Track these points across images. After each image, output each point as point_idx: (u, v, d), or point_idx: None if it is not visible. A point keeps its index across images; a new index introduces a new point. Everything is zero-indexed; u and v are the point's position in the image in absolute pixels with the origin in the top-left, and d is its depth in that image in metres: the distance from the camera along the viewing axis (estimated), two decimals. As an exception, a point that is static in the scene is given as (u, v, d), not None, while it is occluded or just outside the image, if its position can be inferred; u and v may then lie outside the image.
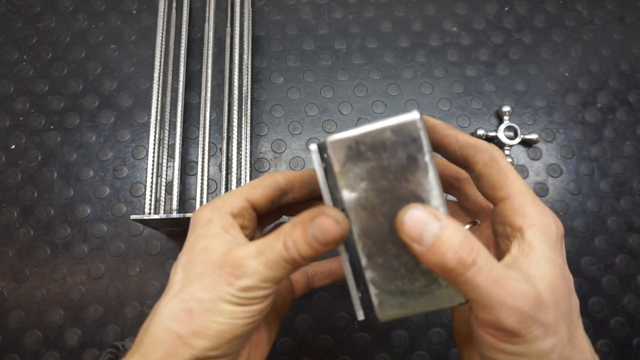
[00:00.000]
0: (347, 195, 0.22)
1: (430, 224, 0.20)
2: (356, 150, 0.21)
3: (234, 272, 0.22)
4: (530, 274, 0.21)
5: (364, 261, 0.22)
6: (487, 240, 0.27)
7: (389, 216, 0.22)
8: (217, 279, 0.22)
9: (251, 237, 0.27)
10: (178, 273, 0.23)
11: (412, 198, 0.22)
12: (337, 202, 0.23)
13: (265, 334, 0.27)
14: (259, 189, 0.26)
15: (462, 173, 0.28)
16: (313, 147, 0.22)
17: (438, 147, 0.26)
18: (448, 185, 0.30)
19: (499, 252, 0.25)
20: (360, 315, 0.23)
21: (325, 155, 0.22)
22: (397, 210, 0.21)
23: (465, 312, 0.27)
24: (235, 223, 0.25)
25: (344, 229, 0.21)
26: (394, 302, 0.22)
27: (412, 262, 0.22)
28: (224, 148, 0.46)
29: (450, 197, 0.32)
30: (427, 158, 0.21)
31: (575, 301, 0.22)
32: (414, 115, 0.21)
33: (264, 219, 0.29)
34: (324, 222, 0.21)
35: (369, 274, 0.22)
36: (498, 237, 0.25)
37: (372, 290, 0.22)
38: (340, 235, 0.21)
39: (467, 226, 0.29)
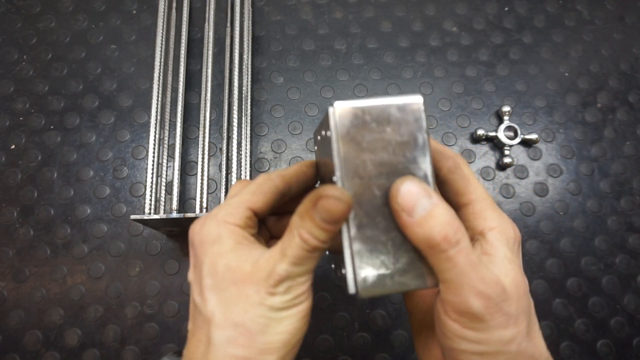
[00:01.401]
0: (346, 162, 0.22)
1: (423, 199, 0.21)
2: (362, 119, 0.22)
3: (270, 281, 0.22)
4: (494, 270, 0.22)
5: (353, 231, 0.22)
6: None
7: (383, 188, 0.22)
8: (258, 295, 0.22)
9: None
10: (210, 300, 0.23)
11: (408, 174, 0.22)
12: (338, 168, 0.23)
13: None
14: (260, 196, 0.25)
15: None
16: (331, 109, 0.22)
17: None
18: None
19: None
20: (352, 289, 0.23)
21: (330, 121, 0.23)
22: (392, 183, 0.22)
23: (424, 302, 0.28)
24: (246, 233, 0.25)
25: (347, 203, 0.21)
26: (376, 277, 0.22)
27: (399, 239, 0.22)
28: (224, 148, 0.46)
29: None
30: (426, 138, 0.22)
31: (532, 301, 0.24)
32: (418, 98, 0.23)
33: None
34: (326, 203, 0.21)
35: (356, 246, 0.22)
36: None
37: (357, 262, 0.22)
38: (347, 210, 0.21)
39: None
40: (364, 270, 0.22)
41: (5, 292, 0.44)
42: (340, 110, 0.22)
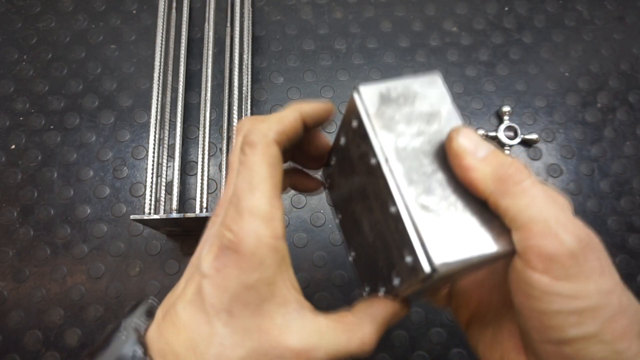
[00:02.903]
0: (385, 136, 0.22)
1: (481, 142, 0.20)
2: (388, 96, 0.23)
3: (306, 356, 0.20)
4: None
5: (410, 202, 0.20)
6: None
7: (430, 155, 0.21)
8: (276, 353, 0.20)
9: None
10: (223, 325, 0.20)
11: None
12: (368, 151, 0.23)
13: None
14: (287, 122, 0.23)
15: None
16: (357, 92, 0.23)
17: None
18: None
19: None
20: (427, 266, 0.19)
21: (357, 104, 0.23)
22: (437, 148, 0.21)
23: (480, 300, 0.26)
24: (285, 250, 0.21)
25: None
26: (449, 245, 0.20)
27: (461, 202, 0.20)
28: (224, 148, 0.46)
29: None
30: (453, 106, 0.22)
31: None
32: (436, 73, 0.23)
33: None
34: (400, 315, 0.23)
35: (417, 215, 0.20)
36: None
37: (424, 233, 0.20)
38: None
39: None
40: (434, 240, 0.20)
41: (5, 292, 0.44)
42: (367, 90, 0.23)
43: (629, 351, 0.17)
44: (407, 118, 0.22)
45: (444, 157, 0.21)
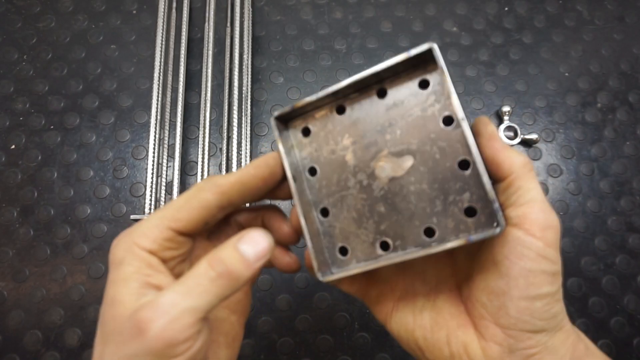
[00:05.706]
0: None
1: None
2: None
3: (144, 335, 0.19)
4: None
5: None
6: None
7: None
8: (128, 343, 0.19)
9: (185, 260, 0.24)
10: (98, 328, 0.21)
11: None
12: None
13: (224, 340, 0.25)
14: (185, 213, 0.22)
15: None
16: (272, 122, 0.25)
17: None
18: None
19: None
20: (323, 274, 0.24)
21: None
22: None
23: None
24: (154, 260, 0.21)
25: (272, 242, 0.22)
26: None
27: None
28: (224, 148, 0.46)
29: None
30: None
31: None
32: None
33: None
34: (255, 235, 0.21)
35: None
36: None
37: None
38: (269, 248, 0.21)
39: None
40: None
41: (5, 292, 0.44)
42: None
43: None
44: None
45: None
